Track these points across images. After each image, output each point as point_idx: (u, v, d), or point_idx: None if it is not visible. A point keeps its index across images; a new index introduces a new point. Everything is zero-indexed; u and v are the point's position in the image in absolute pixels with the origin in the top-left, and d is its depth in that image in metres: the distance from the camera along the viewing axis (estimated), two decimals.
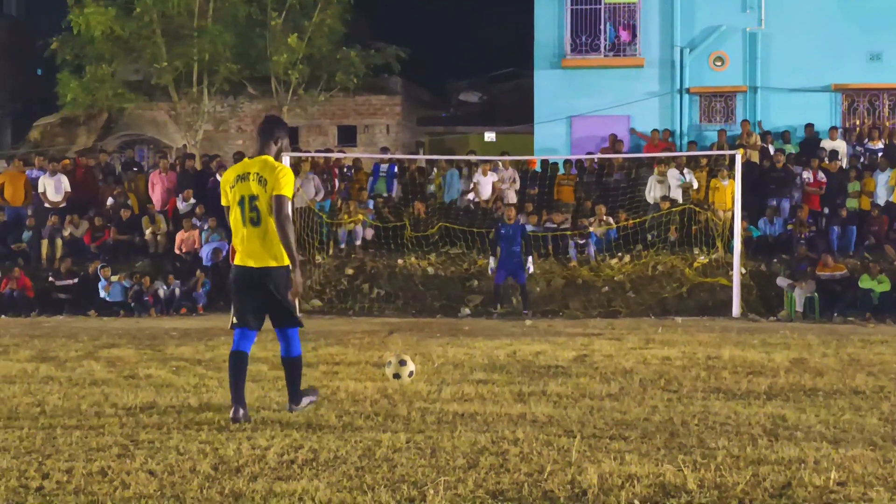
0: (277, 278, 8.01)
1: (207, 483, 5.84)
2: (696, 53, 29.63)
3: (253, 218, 7.99)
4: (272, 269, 7.99)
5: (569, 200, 25.56)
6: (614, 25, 30.10)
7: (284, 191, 7.93)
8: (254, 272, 8.01)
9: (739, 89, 29.57)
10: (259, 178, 7.99)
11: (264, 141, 8.29)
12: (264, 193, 7.94)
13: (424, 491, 5.65)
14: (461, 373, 10.96)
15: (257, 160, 8.17)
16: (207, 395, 9.27)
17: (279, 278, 8.01)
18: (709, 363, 11.91)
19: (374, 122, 37.70)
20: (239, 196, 8.05)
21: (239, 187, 8.07)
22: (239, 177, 8.12)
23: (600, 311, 21.26)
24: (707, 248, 22.90)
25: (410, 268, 23.15)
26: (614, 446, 6.94)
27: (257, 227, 7.99)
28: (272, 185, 7.94)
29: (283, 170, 8.05)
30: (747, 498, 5.56)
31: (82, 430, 7.49)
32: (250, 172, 8.07)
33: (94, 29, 29.14)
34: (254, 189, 7.99)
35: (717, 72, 29.67)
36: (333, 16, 31.35)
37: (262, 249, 7.99)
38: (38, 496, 5.54)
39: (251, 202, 7.98)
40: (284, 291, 8.02)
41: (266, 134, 8.31)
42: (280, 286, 8.01)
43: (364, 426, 7.70)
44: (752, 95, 29.56)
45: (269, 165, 8.06)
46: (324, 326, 18.12)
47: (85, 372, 10.99)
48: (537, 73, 30.48)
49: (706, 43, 29.61)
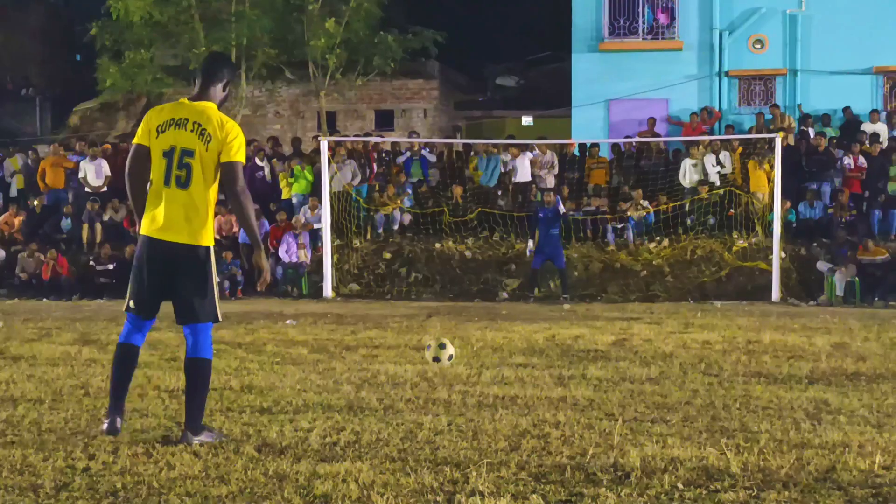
0: (198, 260, 6.44)
1: (251, 464, 5.88)
2: (735, 36, 29.44)
3: (180, 177, 6.40)
4: (188, 247, 6.40)
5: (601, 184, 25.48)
6: (652, 8, 29.96)
7: (238, 156, 6.40)
8: (164, 247, 6.42)
9: (779, 72, 29.36)
10: (199, 129, 6.42)
11: (208, 82, 6.62)
12: (205, 151, 6.38)
13: (467, 473, 5.66)
14: (500, 356, 10.96)
15: (199, 106, 6.52)
16: (248, 377, 9.32)
17: (200, 260, 6.45)
18: (749, 347, 11.86)
19: (412, 106, 37.67)
20: (168, 145, 6.43)
21: (170, 134, 6.44)
22: (173, 121, 6.47)
23: (639, 296, 21.21)
24: (746, 231, 22.77)
25: (448, 252, 23.17)
26: (656, 430, 6.92)
27: (183, 191, 6.39)
28: (219, 145, 6.40)
29: (234, 128, 6.50)
30: (791, 481, 5.53)
31: (126, 412, 7.54)
32: (188, 119, 6.45)
33: (132, 14, 29.31)
34: (189, 142, 6.41)
35: (757, 54, 29.48)
36: (370, 0, 31.34)
37: (181, 220, 6.39)
38: (84, 476, 5.59)
39: (182, 157, 6.39)
40: (206, 278, 6.47)
41: (210, 73, 6.65)
42: (200, 271, 6.46)
43: (405, 409, 7.71)
44: (791, 78, 29.35)
45: (214, 118, 6.46)
46: (362, 310, 18.18)
47: None
48: (575, 57, 30.39)
49: (745, 25, 29.41)
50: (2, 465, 5.83)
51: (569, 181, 25.33)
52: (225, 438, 6.52)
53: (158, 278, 6.47)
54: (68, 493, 5.29)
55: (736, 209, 23.10)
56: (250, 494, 5.28)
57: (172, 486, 5.42)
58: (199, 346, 6.49)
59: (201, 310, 6.47)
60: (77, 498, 5.22)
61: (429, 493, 5.31)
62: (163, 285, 6.49)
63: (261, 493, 5.29)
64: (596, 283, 22.02)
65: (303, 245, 23.00)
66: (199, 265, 6.43)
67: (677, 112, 29.26)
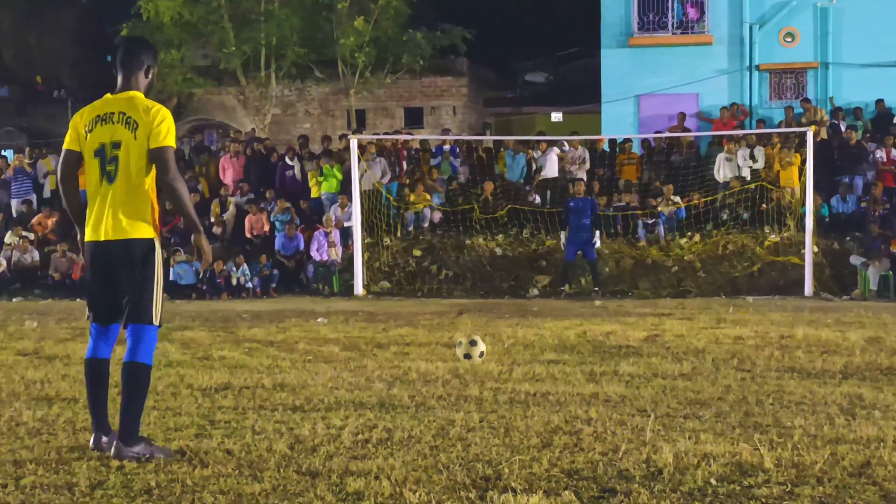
0: (137, 255, 6.04)
1: (284, 462, 5.90)
2: (765, 29, 29.28)
3: (111, 172, 6.06)
4: (130, 241, 6.03)
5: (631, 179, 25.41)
6: (682, 3, 29.85)
7: (167, 140, 6.02)
8: (106, 247, 6.06)
9: (810, 65, 29.17)
10: (126, 119, 6.08)
11: (129, 71, 6.24)
12: (133, 140, 6.03)
13: (499, 470, 5.65)
14: (531, 353, 10.94)
15: (123, 97, 6.19)
16: (281, 375, 9.35)
17: (139, 255, 6.04)
18: (782, 342, 11.78)
19: (441, 103, 37.70)
20: (97, 143, 6.11)
21: (98, 132, 6.13)
22: (98, 118, 6.16)
23: (670, 291, 21.14)
24: (778, 226, 22.64)
25: (478, 248, 23.16)
26: (689, 425, 6.89)
27: (111, 184, 6.06)
28: (147, 131, 6.02)
29: (161, 111, 6.11)
30: (826, 477, 5.49)
31: (159, 410, 7.59)
32: (114, 112, 6.13)
33: (163, 15, 29.53)
34: (118, 134, 6.07)
35: (788, 48, 29.29)
36: None
37: (113, 215, 6.04)
38: (119, 474, 5.62)
39: (112, 151, 6.07)
40: (144, 275, 6.06)
41: (129, 62, 6.26)
42: (139, 266, 6.05)
43: (436, 406, 7.71)
44: (823, 72, 29.15)
45: (140, 105, 6.12)
46: (392, 308, 18.20)
47: (160, 353, 11.11)
48: (604, 52, 30.32)
49: (776, 19, 29.24)
50: (38, 463, 5.87)
51: (599, 177, 25.26)
52: (172, 455, 6.03)
53: (104, 281, 6.12)
54: (103, 491, 5.33)
55: (768, 204, 22.96)
56: (283, 492, 5.30)
57: (206, 483, 5.45)
58: (136, 349, 6.04)
59: (137, 310, 6.06)
60: (112, 496, 5.25)
61: (461, 489, 5.31)
62: (109, 288, 6.12)
63: (294, 491, 5.31)
64: (627, 279, 21.96)
65: (333, 243, 23.06)
66: (136, 260, 6.03)
67: (707, 107, 29.11)
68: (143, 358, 6.04)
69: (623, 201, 24.00)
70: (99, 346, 6.22)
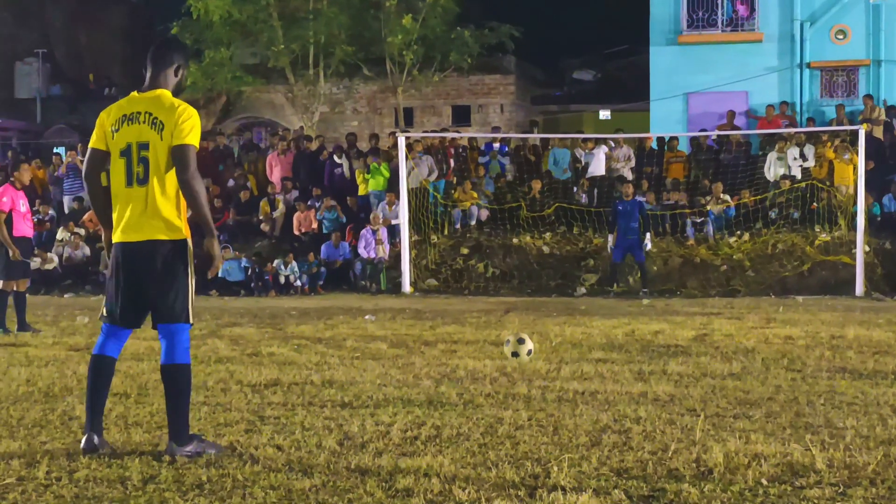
0: (169, 256, 6.02)
1: (334, 458, 5.92)
2: (816, 27, 28.98)
3: (139, 174, 6.00)
4: (161, 242, 6.00)
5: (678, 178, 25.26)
6: (731, 0, 29.59)
7: (189, 139, 5.93)
8: (137, 249, 6.02)
9: (862, 63, 28.86)
10: (153, 119, 6.00)
11: (158, 69, 6.20)
12: (159, 141, 5.95)
13: (548, 468, 5.65)
14: (579, 352, 10.92)
15: (149, 96, 6.12)
16: (329, 372, 9.39)
17: (171, 256, 6.02)
18: (833, 342, 11.68)
19: (488, 101, 37.65)
20: (124, 143, 6.04)
21: (124, 132, 6.04)
22: (125, 117, 6.07)
23: (719, 291, 21.01)
24: (829, 225, 22.42)
25: (525, 247, 23.13)
26: (739, 425, 6.84)
27: (143, 187, 5.99)
28: (171, 130, 5.94)
29: (187, 111, 6.03)
30: (878, 478, 5.44)
31: (210, 406, 7.65)
32: (140, 112, 6.04)
33: (212, 13, 29.73)
34: (145, 134, 5.99)
35: (839, 45, 28.99)
36: None
37: (144, 218, 5.99)
38: (170, 469, 5.67)
39: (139, 152, 6.00)
40: (177, 275, 6.04)
41: (159, 59, 6.23)
42: (171, 267, 6.02)
43: (485, 403, 7.71)
44: (875, 69, 28.85)
45: (166, 103, 6.05)
46: (440, 306, 18.23)
47: (209, 350, 11.24)
48: (653, 50, 30.16)
49: (827, 16, 28.94)
50: (90, 457, 5.93)
51: (647, 175, 25.14)
52: (223, 451, 6.07)
53: (132, 284, 6.06)
54: (155, 486, 5.38)
55: (818, 203, 22.75)
56: (333, 488, 5.32)
57: (256, 479, 5.48)
58: (173, 350, 6.04)
59: (171, 309, 6.04)
60: (164, 490, 5.30)
61: (510, 487, 5.30)
62: (137, 291, 6.07)
63: (343, 487, 5.33)
64: (675, 278, 21.86)
65: (381, 241, 23.12)
66: (168, 261, 5.99)
67: (757, 105, 28.87)
68: (181, 359, 6.04)
69: (671, 199, 23.86)
70: (110, 344, 6.20)
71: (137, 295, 6.08)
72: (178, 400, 6.00)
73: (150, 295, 6.04)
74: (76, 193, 26.76)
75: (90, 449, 6.01)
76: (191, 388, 6.14)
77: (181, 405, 6.00)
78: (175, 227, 6.01)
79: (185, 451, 5.92)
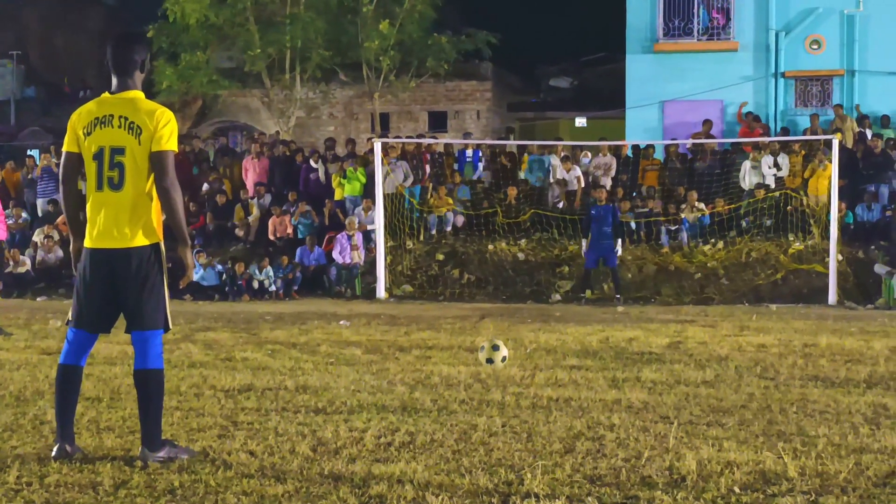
0: (144, 263, 5.93)
1: (307, 464, 5.91)
2: (791, 36, 29.14)
3: (112, 179, 5.87)
4: (127, 251, 5.91)
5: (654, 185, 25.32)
6: (707, 9, 29.74)
7: (169, 144, 5.85)
8: (112, 256, 5.92)
9: (836, 73, 29.01)
10: (128, 123, 5.86)
11: (125, 69, 6.00)
12: (137, 146, 5.84)
13: (522, 475, 5.66)
14: (554, 358, 10.93)
15: (122, 98, 5.97)
16: (303, 377, 9.37)
17: (147, 262, 5.94)
18: (805, 351, 11.73)
19: (465, 107, 37.70)
20: (96, 147, 5.91)
21: (97, 135, 5.91)
22: (97, 120, 5.93)
23: (693, 298, 21.07)
24: (802, 234, 22.53)
25: (501, 253, 23.14)
26: (712, 433, 6.87)
27: (117, 192, 5.88)
28: (151, 135, 5.84)
29: (165, 114, 5.91)
30: (850, 486, 5.47)
31: (182, 411, 7.62)
32: (113, 115, 5.90)
33: (189, 17, 29.64)
34: (118, 139, 5.87)
35: (814, 55, 29.14)
36: (424, 1, 31.49)
37: (118, 224, 5.90)
38: (142, 474, 5.65)
39: (113, 157, 5.87)
40: (153, 282, 5.98)
41: (124, 59, 6.01)
42: (147, 274, 5.94)
43: (459, 410, 7.72)
44: (849, 79, 28.99)
45: (143, 107, 5.91)
46: (415, 311, 18.21)
47: (183, 354, 11.19)
48: (629, 58, 30.22)
49: (802, 26, 29.09)
50: (62, 462, 5.90)
51: (622, 183, 25.19)
52: (196, 456, 6.06)
53: (102, 290, 5.98)
54: (127, 491, 5.36)
55: (792, 211, 22.84)
56: (306, 494, 5.32)
57: (229, 484, 5.47)
58: (146, 355, 5.97)
59: (145, 316, 5.96)
60: (136, 495, 5.28)
61: (483, 494, 5.31)
62: (108, 297, 5.99)
63: (316, 493, 5.32)
64: (650, 286, 21.91)
65: (356, 246, 23.07)
66: (142, 267, 5.92)
67: (732, 114, 28.99)
68: (153, 364, 5.97)
69: (647, 207, 23.93)
70: (76, 353, 6.11)
71: (110, 302, 6.01)
72: (151, 405, 5.94)
73: (126, 303, 5.98)
74: (50, 196, 26.58)
75: (61, 456, 5.96)
76: (164, 393, 6.09)
77: (154, 410, 5.95)
78: (150, 231, 5.96)
79: (157, 457, 5.89)
